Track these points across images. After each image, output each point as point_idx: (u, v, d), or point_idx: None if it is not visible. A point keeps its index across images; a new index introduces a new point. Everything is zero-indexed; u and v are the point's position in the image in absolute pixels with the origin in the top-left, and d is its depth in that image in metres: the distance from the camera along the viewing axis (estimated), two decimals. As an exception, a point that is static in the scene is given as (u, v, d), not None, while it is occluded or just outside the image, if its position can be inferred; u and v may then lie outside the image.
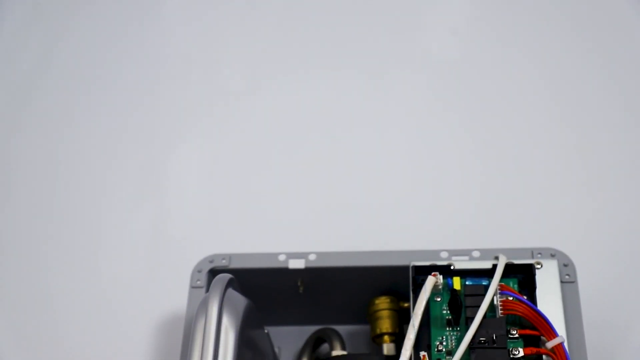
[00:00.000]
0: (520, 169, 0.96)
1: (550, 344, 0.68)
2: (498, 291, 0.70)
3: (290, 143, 1.01)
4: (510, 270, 0.73)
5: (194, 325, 0.69)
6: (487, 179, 0.96)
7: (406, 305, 0.78)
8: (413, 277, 0.74)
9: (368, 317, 0.80)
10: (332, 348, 0.80)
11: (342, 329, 0.83)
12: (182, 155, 1.01)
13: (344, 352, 0.79)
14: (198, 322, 0.69)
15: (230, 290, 0.72)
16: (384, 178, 0.97)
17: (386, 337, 0.78)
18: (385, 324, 0.78)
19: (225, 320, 0.69)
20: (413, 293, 0.73)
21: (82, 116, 1.04)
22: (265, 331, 0.81)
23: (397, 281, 0.77)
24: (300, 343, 0.83)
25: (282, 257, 0.79)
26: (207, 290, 0.75)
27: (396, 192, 0.96)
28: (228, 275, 0.73)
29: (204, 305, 0.70)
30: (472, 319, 0.69)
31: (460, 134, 1.00)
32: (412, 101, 1.03)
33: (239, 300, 0.72)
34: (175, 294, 0.85)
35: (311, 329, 0.83)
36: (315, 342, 0.83)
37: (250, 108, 1.04)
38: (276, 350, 0.84)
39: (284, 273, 0.79)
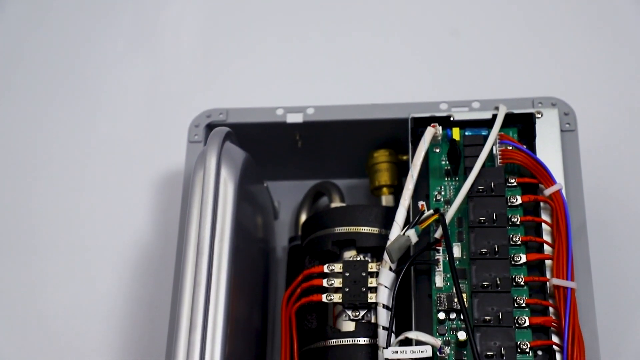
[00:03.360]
0: (521, 17, 0.94)
1: (548, 191, 0.68)
2: (497, 140, 0.70)
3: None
4: (510, 120, 0.72)
5: (193, 179, 0.69)
6: (487, 28, 0.93)
7: (405, 157, 0.78)
8: (412, 129, 0.73)
9: (367, 170, 0.80)
10: (331, 201, 0.81)
11: (341, 182, 0.83)
12: (177, 7, 0.98)
13: (343, 204, 0.80)
14: (196, 176, 0.69)
15: (228, 144, 0.72)
16: (383, 29, 0.95)
17: (385, 189, 0.79)
18: (384, 177, 0.79)
19: (224, 172, 0.69)
20: (412, 145, 0.73)
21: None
22: (265, 185, 0.81)
23: (396, 134, 0.77)
24: (299, 197, 0.84)
25: (280, 112, 0.78)
26: (205, 144, 0.74)
27: (395, 43, 0.94)
28: (225, 129, 0.72)
29: (202, 159, 0.70)
30: (470, 168, 0.69)
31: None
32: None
33: (237, 153, 0.72)
34: (173, 150, 0.85)
35: (310, 183, 0.84)
36: (314, 196, 0.83)
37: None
38: (276, 204, 0.84)
39: (282, 127, 0.78)
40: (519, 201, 0.69)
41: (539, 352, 0.64)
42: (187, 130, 0.77)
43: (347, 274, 0.71)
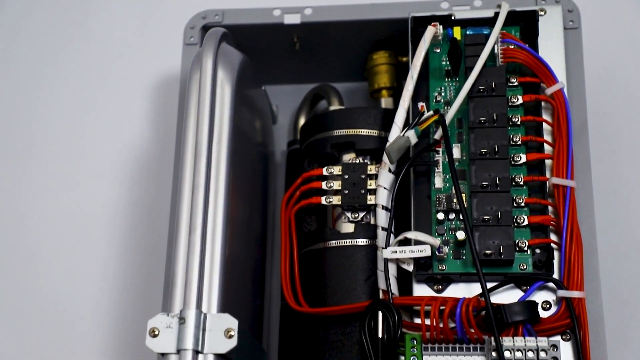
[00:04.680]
0: None
1: (549, 90, 0.67)
2: (499, 39, 0.69)
3: None
4: (513, 18, 0.70)
5: (189, 81, 0.68)
6: None
7: (404, 59, 0.77)
8: (412, 29, 0.72)
9: (366, 72, 0.79)
10: (330, 104, 0.80)
11: (340, 86, 0.82)
12: None
13: (342, 107, 0.79)
14: (193, 78, 0.68)
15: (225, 45, 0.71)
16: None
17: (384, 92, 0.78)
18: (383, 79, 0.78)
19: (221, 73, 0.68)
20: (412, 45, 0.72)
21: None
22: (263, 89, 0.80)
23: (396, 35, 0.75)
24: (297, 101, 0.83)
25: (277, 12, 0.76)
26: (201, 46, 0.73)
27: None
28: (221, 29, 0.71)
29: (197, 60, 0.68)
30: (471, 68, 0.68)
31: None
32: None
33: (234, 55, 0.71)
34: (168, 53, 0.83)
35: (309, 87, 0.82)
36: (313, 99, 0.82)
37: None
38: (274, 108, 0.83)
39: (279, 29, 0.76)
40: (520, 101, 0.68)
41: (537, 250, 0.65)
42: (183, 32, 0.76)
43: (346, 177, 0.70)
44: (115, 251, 0.81)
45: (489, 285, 0.63)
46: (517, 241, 0.64)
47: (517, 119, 0.67)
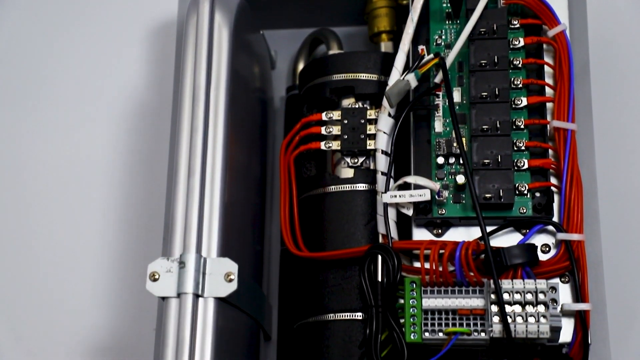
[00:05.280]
0: None
1: (551, 32, 0.66)
2: (501, -20, 0.68)
3: None
4: (516, -45, 0.69)
5: (186, 25, 0.67)
6: None
7: (405, 2, 0.76)
8: (412, -30, 0.71)
9: (365, 16, 0.78)
10: (329, 49, 0.79)
11: (339, 30, 0.81)
12: None
13: (341, 52, 0.78)
14: (189, 22, 0.67)
15: (222, -13, 0.70)
16: None
17: (384, 36, 0.77)
18: (383, 22, 0.77)
19: (218, 17, 0.67)
20: (412, -13, 0.71)
21: None
22: (261, 33, 0.79)
23: (396, -23, 0.75)
24: (296, 45, 0.82)
25: (275, -46, 0.76)
26: (198, -11, 0.72)
27: None
28: (218, -28, 0.70)
29: (194, 3, 0.67)
30: (472, 10, 0.67)
31: None
32: None
33: (231, -3, 0.70)
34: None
35: (307, 32, 0.81)
36: (311, 44, 0.81)
37: None
38: (272, 53, 0.83)
39: (276, -29, 0.76)
40: (522, 43, 0.67)
41: (537, 194, 0.65)
42: (179, -25, 0.75)
43: (346, 122, 0.70)
44: (114, 196, 0.80)
45: (489, 228, 0.63)
46: (517, 185, 0.64)
47: (518, 62, 0.67)
